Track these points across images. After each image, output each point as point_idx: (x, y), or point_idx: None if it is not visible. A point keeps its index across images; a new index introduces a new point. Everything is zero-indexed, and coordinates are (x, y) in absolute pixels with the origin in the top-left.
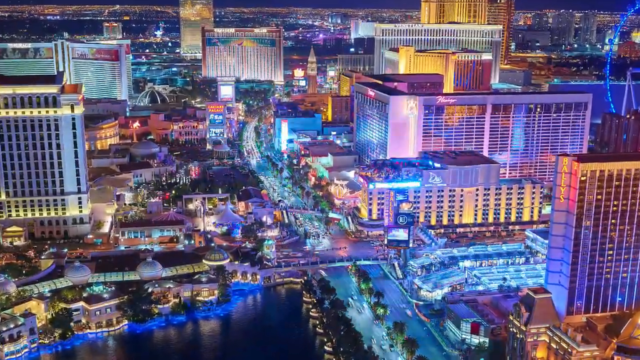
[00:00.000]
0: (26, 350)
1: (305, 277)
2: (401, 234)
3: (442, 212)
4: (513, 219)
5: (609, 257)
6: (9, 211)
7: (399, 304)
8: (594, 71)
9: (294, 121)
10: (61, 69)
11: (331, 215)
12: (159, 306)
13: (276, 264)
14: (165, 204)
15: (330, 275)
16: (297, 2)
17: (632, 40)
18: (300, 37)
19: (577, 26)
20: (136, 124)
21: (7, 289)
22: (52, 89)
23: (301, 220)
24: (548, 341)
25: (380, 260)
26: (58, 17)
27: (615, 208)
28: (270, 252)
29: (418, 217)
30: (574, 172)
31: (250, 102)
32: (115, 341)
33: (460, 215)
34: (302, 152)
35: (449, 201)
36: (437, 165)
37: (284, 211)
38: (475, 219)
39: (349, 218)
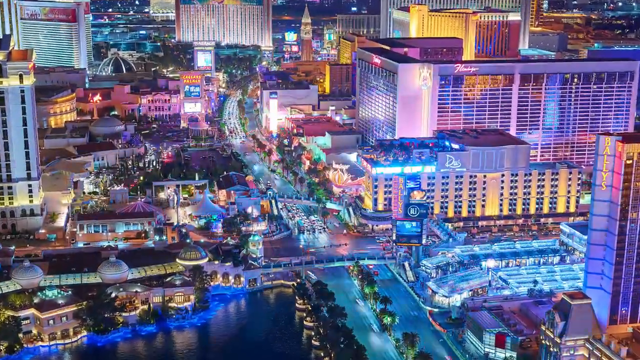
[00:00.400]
0: None
1: (299, 280)
2: (412, 229)
3: (461, 202)
4: (545, 210)
5: None
6: None
7: (409, 311)
8: None
9: (285, 94)
10: (7, 32)
11: (329, 205)
12: (124, 314)
13: (264, 263)
14: (131, 193)
15: (328, 277)
16: None
17: None
18: None
19: None
20: (97, 98)
21: None
22: None
23: (293, 212)
24: (587, 355)
25: (388, 259)
26: None
27: None
28: (257, 249)
29: (432, 209)
30: (618, 155)
31: (233, 71)
32: (72, 355)
33: (483, 206)
34: (295, 130)
35: (470, 189)
36: (455, 146)
37: (273, 201)
38: (501, 211)
39: (350, 209)
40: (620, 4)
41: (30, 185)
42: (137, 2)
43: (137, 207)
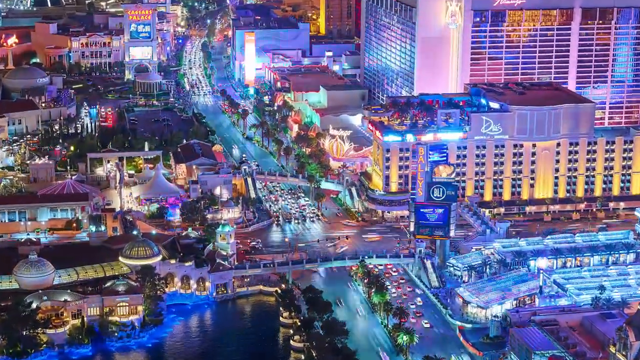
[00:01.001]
0: None
1: (284, 285)
2: (437, 216)
3: (502, 180)
4: (616, 191)
5: None
6: None
7: (433, 328)
8: None
9: (266, 35)
10: None
11: (324, 185)
12: (48, 331)
13: (237, 263)
14: (59, 168)
15: (323, 281)
16: None
17: None
18: None
19: None
20: (12, 40)
21: None
22: None
23: (277, 195)
24: None
25: (404, 258)
26: None
27: None
28: (228, 244)
29: (464, 189)
30: None
31: (196, 4)
32: None
33: (532, 186)
34: (279, 84)
35: (514, 164)
36: (495, 105)
37: (250, 179)
38: (556, 192)
39: (353, 190)
40: None
41: None
42: None
43: (66, 188)
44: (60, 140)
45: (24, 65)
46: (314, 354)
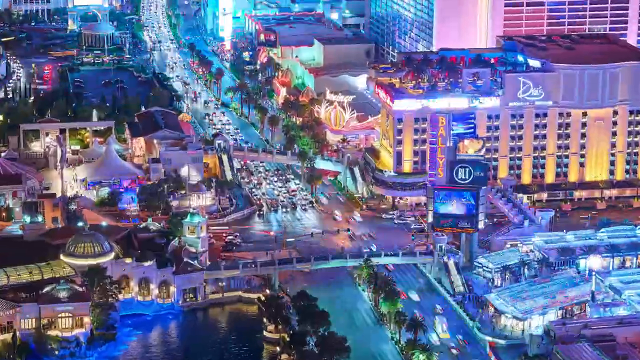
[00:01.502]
0: None
1: (269, 290)
2: (462, 204)
3: (543, 159)
4: None
5: None
6: None
7: (458, 343)
8: None
9: None
10: None
11: (320, 164)
12: None
13: (209, 263)
14: None
15: (318, 285)
16: None
17: None
18: None
19: None
20: None
21: None
22: None
23: (260, 176)
24: None
25: (420, 256)
26: None
27: None
28: (198, 239)
29: (496, 170)
30: None
31: None
32: None
33: (582, 166)
34: (263, 37)
35: (559, 137)
36: (535, 63)
37: (225, 157)
38: (612, 174)
39: (356, 171)
40: None
41: None
42: None
43: None
44: None
45: None
46: None
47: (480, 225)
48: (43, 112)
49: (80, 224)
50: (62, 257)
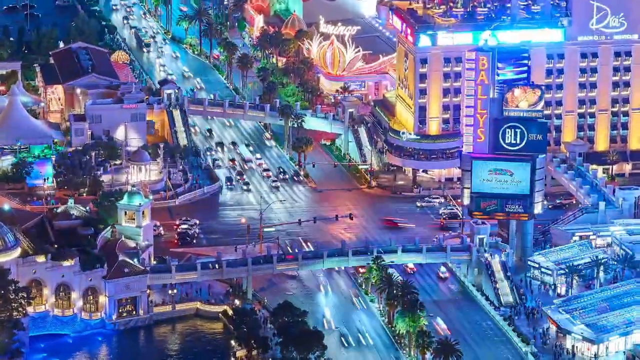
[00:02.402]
0: None
1: (238, 301)
2: (510, 179)
3: (626, 116)
4: None
5: None
6: None
7: None
8: None
9: None
10: None
11: (312, 123)
12: None
13: (155, 263)
14: None
15: (308, 294)
16: None
17: None
18: None
19: None
20: None
21: None
22: None
23: (227, 141)
24: None
25: (452, 252)
26: None
27: None
28: (139, 229)
29: (559, 131)
30: None
31: None
32: None
33: None
34: None
35: None
36: None
37: (178, 113)
38: None
39: (362, 132)
40: None
41: None
42: None
43: None
44: None
45: None
46: None
47: (537, 210)
48: None
49: None
50: None
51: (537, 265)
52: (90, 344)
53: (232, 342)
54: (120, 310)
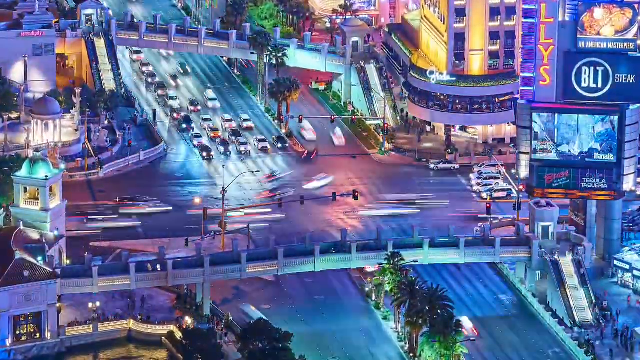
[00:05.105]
0: None
1: (190, 319)
2: (588, 142)
3: None
4: None
5: None
6: None
7: None
8: None
9: None
10: None
11: (299, 58)
12: None
13: (68, 262)
14: None
15: (293, 307)
16: None
17: None
18: None
19: None
20: None
21: None
22: None
23: (177, 82)
24: None
25: (503, 248)
26: None
27: None
28: (47, 214)
29: None
30: None
31: None
32: None
33: None
34: None
35: None
36: None
37: (103, 42)
38: None
39: (371, 71)
40: None
41: None
42: None
43: None
44: None
45: None
46: None
47: (628, 185)
48: None
49: None
50: None
51: (627, 267)
52: None
53: None
54: (17, 333)
